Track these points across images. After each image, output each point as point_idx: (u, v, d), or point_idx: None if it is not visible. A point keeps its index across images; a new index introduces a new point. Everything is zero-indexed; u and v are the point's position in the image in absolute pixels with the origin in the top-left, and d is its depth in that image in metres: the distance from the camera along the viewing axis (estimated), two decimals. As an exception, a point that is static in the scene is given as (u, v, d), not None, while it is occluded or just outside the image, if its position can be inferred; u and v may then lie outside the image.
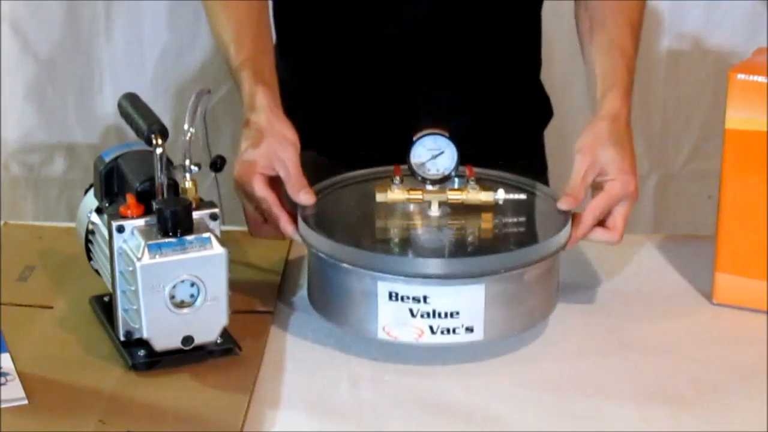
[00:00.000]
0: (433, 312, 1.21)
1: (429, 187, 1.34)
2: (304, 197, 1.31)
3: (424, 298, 1.21)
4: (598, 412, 1.16)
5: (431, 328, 1.22)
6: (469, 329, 1.22)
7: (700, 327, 1.34)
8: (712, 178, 1.42)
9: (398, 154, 1.39)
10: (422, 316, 1.21)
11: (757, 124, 1.30)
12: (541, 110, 1.72)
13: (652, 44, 2.32)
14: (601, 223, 1.33)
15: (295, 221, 1.31)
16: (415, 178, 1.34)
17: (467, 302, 1.21)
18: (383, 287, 1.21)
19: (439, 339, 1.22)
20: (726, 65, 1.32)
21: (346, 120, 1.62)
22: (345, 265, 1.23)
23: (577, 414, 1.16)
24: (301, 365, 1.24)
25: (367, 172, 1.42)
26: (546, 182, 1.74)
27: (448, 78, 1.57)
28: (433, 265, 1.21)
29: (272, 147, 1.33)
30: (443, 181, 1.34)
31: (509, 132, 1.65)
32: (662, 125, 2.40)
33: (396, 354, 1.25)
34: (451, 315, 1.21)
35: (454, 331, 1.22)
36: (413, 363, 1.24)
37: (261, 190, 1.32)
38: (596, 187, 1.34)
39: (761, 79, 1.29)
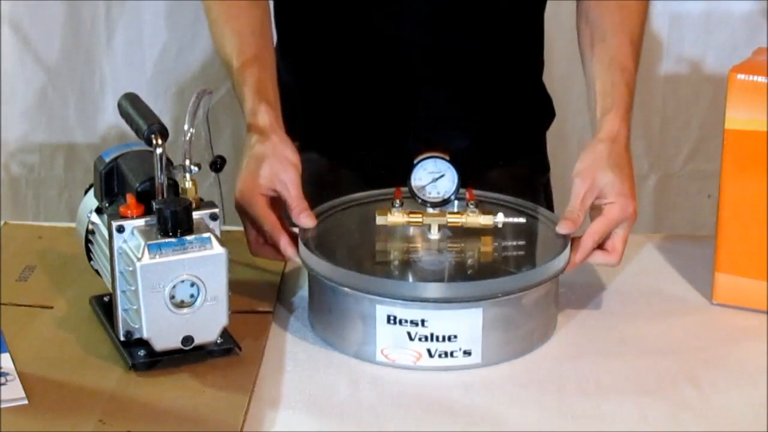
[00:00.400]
0: (431, 335, 1.22)
1: (429, 210, 1.35)
2: (305, 220, 1.32)
3: (422, 321, 1.22)
4: (598, 412, 1.16)
5: (429, 351, 1.23)
6: (467, 353, 1.23)
7: (700, 327, 1.34)
8: (711, 178, 1.42)
9: (398, 153, 1.39)
10: (420, 339, 1.22)
11: (757, 124, 1.30)
12: (543, 110, 1.71)
13: (653, 45, 2.32)
14: (600, 245, 1.34)
15: (295, 242, 1.32)
16: (415, 201, 1.35)
17: (465, 326, 1.22)
18: (381, 310, 1.22)
19: (437, 362, 1.23)
20: (726, 65, 1.32)
21: (347, 120, 1.62)
22: (344, 288, 1.24)
23: (577, 414, 1.16)
24: (301, 365, 1.24)
25: (367, 194, 1.43)
26: (548, 182, 1.74)
27: (449, 78, 1.57)
28: (431, 289, 1.22)
29: (275, 169, 1.33)
30: (443, 204, 1.35)
31: (511, 132, 1.65)
32: (662, 125, 2.40)
33: (396, 354, 1.26)
34: (449, 338, 1.22)
35: (451, 354, 1.23)
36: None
37: (263, 211, 1.32)
38: (595, 210, 1.34)
39: (761, 79, 1.29)
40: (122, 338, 1.21)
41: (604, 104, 1.40)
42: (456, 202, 1.36)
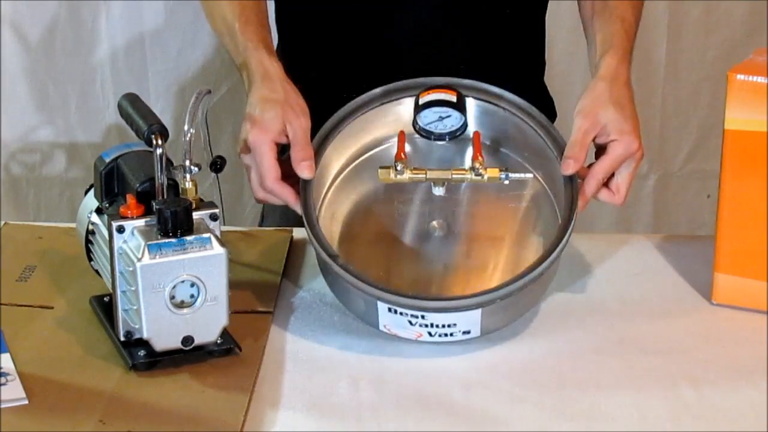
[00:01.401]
0: (431, 324, 1.24)
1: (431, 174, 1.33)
2: (304, 170, 1.30)
3: (422, 315, 1.23)
4: (598, 412, 1.16)
5: (429, 333, 1.25)
6: (467, 332, 1.25)
7: (700, 327, 1.34)
8: (711, 178, 1.42)
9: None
10: (420, 326, 1.24)
11: (757, 124, 1.30)
12: (545, 112, 1.70)
13: (652, 44, 2.33)
14: (606, 184, 1.33)
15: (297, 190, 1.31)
16: (420, 136, 1.35)
17: (464, 320, 1.24)
18: (383, 304, 1.24)
19: (437, 340, 1.26)
20: (726, 65, 1.32)
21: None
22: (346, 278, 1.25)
23: (577, 414, 1.16)
24: (301, 365, 1.24)
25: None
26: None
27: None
28: (429, 301, 1.23)
29: (288, 114, 1.31)
30: (451, 136, 1.35)
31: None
32: (661, 125, 2.40)
33: (396, 354, 1.25)
34: (448, 326, 1.24)
35: (451, 335, 1.25)
36: (413, 363, 1.25)
37: (270, 163, 1.29)
38: (600, 150, 1.33)
39: (761, 79, 1.29)
40: (122, 338, 1.21)
41: (602, 48, 1.40)
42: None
